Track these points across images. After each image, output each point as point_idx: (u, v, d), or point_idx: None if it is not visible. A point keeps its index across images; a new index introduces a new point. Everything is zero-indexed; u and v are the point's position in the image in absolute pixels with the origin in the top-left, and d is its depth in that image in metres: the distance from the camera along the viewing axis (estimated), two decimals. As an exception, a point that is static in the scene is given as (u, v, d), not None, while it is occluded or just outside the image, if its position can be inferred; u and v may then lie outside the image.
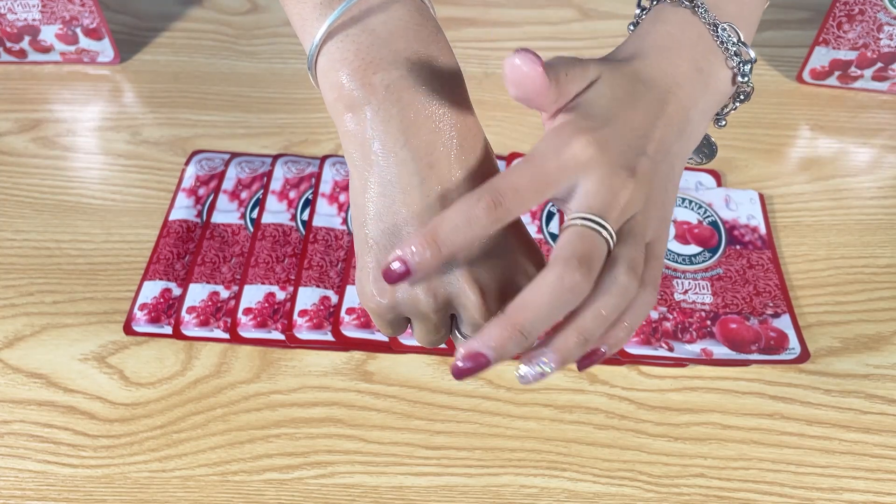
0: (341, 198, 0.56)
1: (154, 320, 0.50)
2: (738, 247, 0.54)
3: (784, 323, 0.50)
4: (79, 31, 0.65)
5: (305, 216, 0.55)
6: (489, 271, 0.32)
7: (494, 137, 0.62)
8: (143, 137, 0.62)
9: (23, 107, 0.64)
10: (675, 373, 0.49)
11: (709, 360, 0.49)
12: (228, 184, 0.58)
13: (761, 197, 0.57)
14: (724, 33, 0.34)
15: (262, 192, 0.57)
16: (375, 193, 0.31)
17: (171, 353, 0.49)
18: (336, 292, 0.51)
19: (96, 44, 0.66)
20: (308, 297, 0.51)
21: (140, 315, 0.51)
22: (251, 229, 0.55)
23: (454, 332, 0.35)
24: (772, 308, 0.51)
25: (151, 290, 0.52)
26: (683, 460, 0.45)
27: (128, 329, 0.50)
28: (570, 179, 0.30)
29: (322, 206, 0.56)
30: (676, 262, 0.53)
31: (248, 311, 0.50)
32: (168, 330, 0.50)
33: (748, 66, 0.34)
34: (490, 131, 0.61)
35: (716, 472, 0.45)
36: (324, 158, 0.59)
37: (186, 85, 0.66)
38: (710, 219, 0.56)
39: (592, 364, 0.32)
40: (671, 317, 0.50)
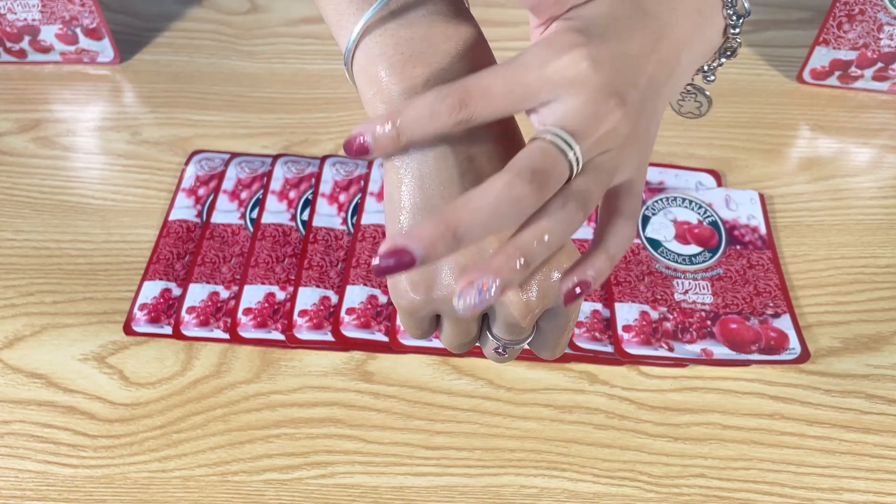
0: (341, 198, 0.56)
1: (154, 320, 0.50)
2: (738, 247, 0.54)
3: (784, 323, 0.50)
4: (79, 31, 0.65)
5: (305, 216, 0.55)
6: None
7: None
8: (143, 137, 0.62)
9: (23, 107, 0.64)
10: (676, 373, 0.49)
11: (709, 361, 0.49)
12: (228, 184, 0.58)
13: (761, 197, 0.57)
14: None
15: (261, 192, 0.57)
16: (413, 187, 0.31)
17: (170, 353, 0.49)
18: (336, 292, 0.51)
19: (96, 44, 0.66)
20: (308, 297, 0.51)
21: (140, 315, 0.51)
22: (251, 229, 0.55)
23: (484, 334, 0.34)
24: (772, 308, 0.51)
25: (151, 291, 0.52)
26: (684, 460, 0.45)
27: (128, 329, 0.50)
28: (551, 94, 0.28)
29: (322, 206, 0.56)
30: (676, 262, 0.53)
31: (248, 311, 0.50)
32: (168, 330, 0.50)
33: (741, 20, 0.33)
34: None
35: (716, 472, 0.45)
36: (324, 158, 0.59)
37: (186, 85, 0.66)
38: (710, 219, 0.56)
39: (579, 297, 0.30)
40: (671, 317, 0.50)
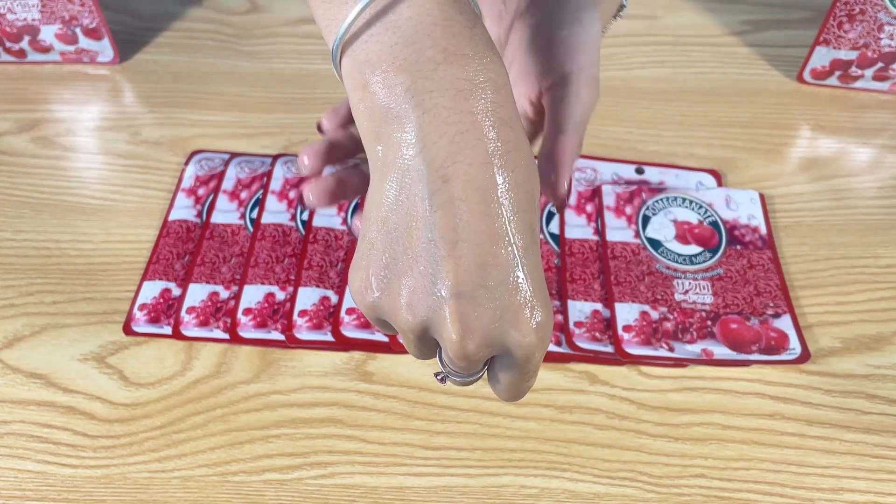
0: (341, 198, 0.56)
1: (154, 320, 0.50)
2: (738, 247, 0.54)
3: (785, 323, 0.50)
4: (78, 30, 0.65)
5: (305, 216, 0.55)
6: (481, 309, 0.28)
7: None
8: (143, 137, 0.62)
9: (22, 107, 0.64)
10: (676, 373, 0.49)
11: (709, 361, 0.49)
12: (228, 184, 0.58)
13: (762, 197, 0.57)
14: None
15: (261, 192, 0.57)
16: (390, 196, 0.29)
17: (170, 353, 0.49)
18: (336, 292, 0.51)
19: (96, 44, 0.66)
20: (308, 297, 0.51)
21: (139, 315, 0.50)
22: (251, 229, 0.55)
23: (438, 354, 0.31)
24: (772, 308, 0.51)
25: (151, 291, 0.52)
26: (684, 461, 0.45)
27: (127, 329, 0.50)
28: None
29: (322, 206, 0.56)
30: (677, 262, 0.53)
31: (247, 311, 0.50)
32: (168, 330, 0.50)
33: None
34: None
35: (716, 472, 0.45)
36: (324, 158, 0.59)
37: (186, 85, 0.66)
38: (710, 219, 0.56)
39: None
40: (671, 317, 0.50)
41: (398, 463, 0.45)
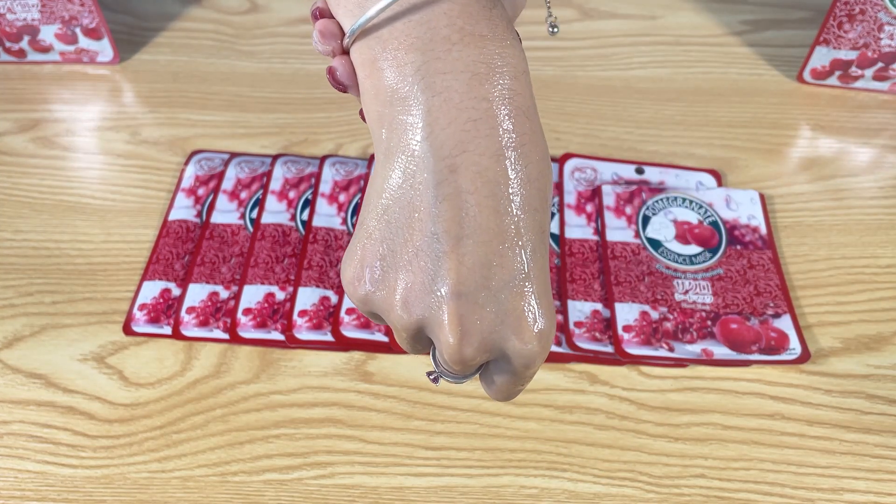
0: (341, 198, 0.56)
1: (153, 320, 0.50)
2: (738, 247, 0.54)
3: (785, 323, 0.50)
4: (78, 30, 0.64)
5: (305, 216, 0.55)
6: (482, 312, 0.26)
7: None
8: (143, 137, 0.62)
9: (22, 106, 0.64)
10: (676, 373, 0.49)
11: (709, 361, 0.49)
12: (228, 184, 0.57)
13: (762, 197, 0.57)
14: None
15: (261, 192, 0.57)
16: (393, 184, 0.27)
17: (170, 353, 0.49)
18: (336, 292, 0.51)
19: (95, 43, 0.66)
20: (308, 297, 0.51)
21: (139, 315, 0.50)
22: (251, 229, 0.55)
23: (432, 353, 0.30)
24: (772, 308, 0.51)
25: (151, 291, 0.52)
26: (684, 461, 0.45)
27: (127, 329, 0.50)
28: None
29: (322, 206, 0.56)
30: (677, 262, 0.53)
31: (247, 311, 0.50)
32: (167, 330, 0.50)
33: None
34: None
35: (716, 472, 0.45)
36: (323, 158, 0.59)
37: (186, 85, 0.66)
38: (710, 219, 0.56)
39: None
40: (671, 317, 0.50)
41: (398, 463, 0.45)
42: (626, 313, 0.50)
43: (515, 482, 0.44)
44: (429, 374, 0.31)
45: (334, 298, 0.51)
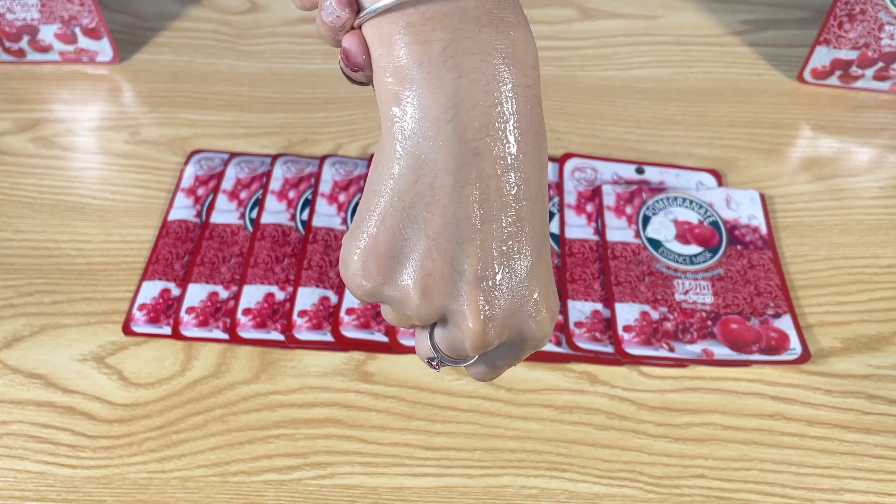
0: (341, 198, 0.56)
1: (153, 321, 0.50)
2: (738, 247, 0.54)
3: (785, 323, 0.50)
4: (78, 30, 0.64)
5: (305, 216, 0.55)
6: (505, 299, 0.27)
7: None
8: (142, 137, 0.62)
9: (21, 106, 0.64)
10: (676, 373, 0.49)
11: (709, 361, 0.49)
12: (227, 184, 0.57)
13: (762, 197, 0.57)
14: None
15: (261, 192, 0.57)
16: (405, 167, 0.26)
17: (170, 353, 0.49)
18: (336, 292, 0.51)
19: (95, 43, 0.66)
20: (307, 297, 0.51)
21: (139, 315, 0.50)
22: (250, 229, 0.55)
23: (424, 335, 0.30)
24: (773, 308, 0.51)
25: (150, 291, 0.52)
26: (684, 461, 0.45)
27: (127, 329, 0.50)
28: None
29: (321, 206, 0.56)
30: (677, 262, 0.53)
31: (247, 311, 0.50)
32: (167, 330, 0.50)
33: None
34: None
35: (716, 472, 0.45)
36: (323, 158, 0.59)
37: (186, 85, 0.66)
38: (710, 219, 0.56)
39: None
40: (672, 317, 0.50)
41: (398, 463, 0.45)
42: (627, 313, 0.50)
43: (515, 482, 0.44)
44: (430, 360, 0.30)
45: (334, 298, 0.51)
